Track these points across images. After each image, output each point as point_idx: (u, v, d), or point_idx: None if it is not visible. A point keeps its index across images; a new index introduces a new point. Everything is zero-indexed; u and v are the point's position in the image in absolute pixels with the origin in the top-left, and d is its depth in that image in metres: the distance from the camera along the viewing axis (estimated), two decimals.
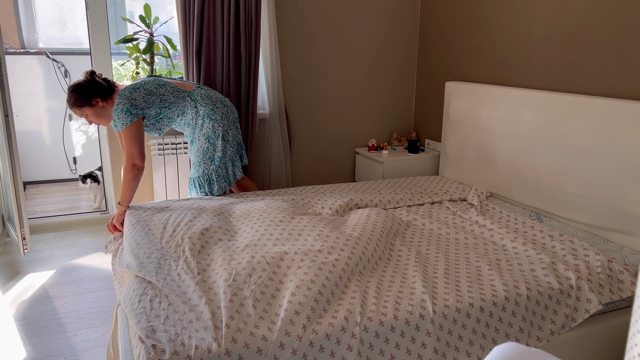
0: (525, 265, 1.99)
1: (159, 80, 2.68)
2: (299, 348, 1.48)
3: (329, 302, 1.66)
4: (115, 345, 2.02)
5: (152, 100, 2.60)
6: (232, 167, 2.78)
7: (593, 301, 1.85)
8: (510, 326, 1.75)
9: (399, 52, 3.82)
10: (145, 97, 2.59)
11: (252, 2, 3.11)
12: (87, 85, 2.54)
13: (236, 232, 2.18)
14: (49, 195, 4.60)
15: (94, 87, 2.55)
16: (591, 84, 2.46)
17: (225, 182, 2.77)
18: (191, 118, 2.71)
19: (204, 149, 2.72)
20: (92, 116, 2.59)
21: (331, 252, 1.91)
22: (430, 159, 3.61)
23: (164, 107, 2.63)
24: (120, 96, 2.54)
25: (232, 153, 2.77)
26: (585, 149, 2.35)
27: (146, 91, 2.59)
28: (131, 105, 2.53)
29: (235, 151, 2.79)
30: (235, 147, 2.79)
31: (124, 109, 2.51)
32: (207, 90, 2.77)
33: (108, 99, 2.60)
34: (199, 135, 2.72)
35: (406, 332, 1.61)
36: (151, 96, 2.60)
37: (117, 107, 2.52)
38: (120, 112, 2.52)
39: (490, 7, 3.06)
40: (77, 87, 2.53)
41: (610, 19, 2.34)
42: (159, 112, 2.63)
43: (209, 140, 2.71)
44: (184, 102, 2.67)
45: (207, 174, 2.75)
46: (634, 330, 0.54)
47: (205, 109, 2.68)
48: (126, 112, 2.52)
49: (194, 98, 2.69)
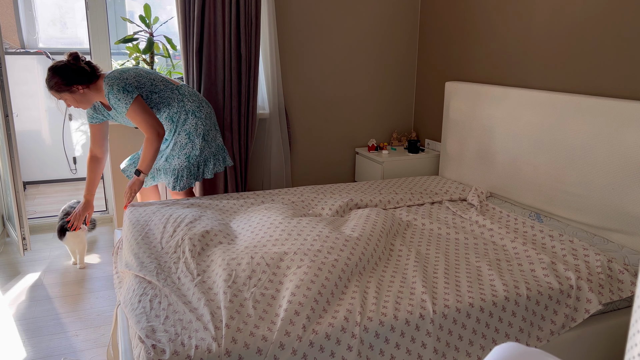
0: (525, 265, 1.99)
1: (146, 68, 2.67)
2: (299, 348, 1.48)
3: (329, 302, 1.66)
4: (115, 345, 2.02)
5: (142, 82, 2.56)
6: (204, 166, 2.76)
7: (593, 301, 1.85)
8: (510, 326, 1.75)
9: (399, 52, 3.82)
10: (137, 78, 2.55)
11: (252, 2, 3.11)
12: (70, 71, 2.43)
13: (236, 236, 2.18)
14: (49, 195, 4.60)
15: (77, 73, 2.44)
16: (591, 84, 2.46)
17: (193, 179, 2.74)
18: (176, 111, 2.67)
19: (182, 144, 2.69)
20: (71, 101, 2.50)
21: (331, 252, 1.91)
22: (430, 159, 3.61)
23: (154, 92, 2.60)
24: (109, 79, 2.48)
25: (208, 154, 2.75)
26: (585, 149, 2.35)
27: (135, 73, 2.57)
28: (125, 84, 2.48)
29: (212, 152, 2.76)
30: (213, 149, 2.77)
31: (120, 89, 2.46)
32: (193, 89, 2.78)
33: (91, 85, 2.51)
34: (180, 130, 2.69)
35: (406, 332, 1.61)
36: (141, 78, 2.57)
37: (112, 90, 2.46)
38: (118, 93, 2.46)
39: (490, 7, 3.06)
40: (59, 70, 2.42)
41: (610, 19, 2.34)
42: (148, 96, 2.59)
43: (189, 137, 2.69)
44: (172, 93, 2.66)
45: (177, 170, 2.71)
46: (634, 330, 0.54)
47: (192, 105, 2.68)
48: (123, 90, 2.46)
49: (181, 92, 2.69)
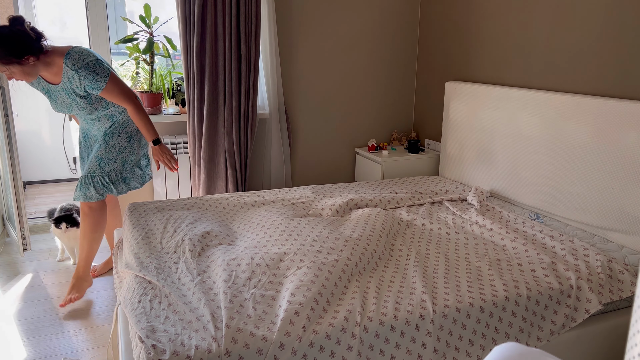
0: (525, 266, 1.99)
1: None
2: (299, 348, 1.48)
3: (329, 302, 1.66)
4: (115, 345, 2.02)
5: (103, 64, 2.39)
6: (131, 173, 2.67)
7: (593, 301, 1.85)
8: (510, 326, 1.75)
9: (399, 52, 3.82)
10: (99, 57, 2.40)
11: (252, 2, 3.11)
12: (18, 39, 2.15)
13: (237, 237, 2.18)
14: (49, 195, 4.60)
15: (26, 40, 2.17)
16: (591, 84, 2.46)
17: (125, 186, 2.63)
18: (120, 112, 2.56)
19: (121, 147, 2.55)
20: (19, 74, 2.24)
21: (330, 253, 1.91)
22: (430, 159, 3.61)
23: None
24: (76, 53, 2.31)
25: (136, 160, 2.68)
26: (585, 149, 2.35)
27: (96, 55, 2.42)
28: (98, 58, 2.36)
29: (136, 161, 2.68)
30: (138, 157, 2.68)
31: (94, 60, 2.32)
32: None
33: (41, 56, 2.26)
34: (121, 131, 2.56)
35: (406, 332, 1.61)
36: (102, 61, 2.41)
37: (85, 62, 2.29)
38: (93, 65, 2.31)
39: (490, 7, 3.06)
40: (5, 39, 2.13)
41: (610, 19, 2.34)
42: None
43: (129, 140, 2.57)
44: None
45: (110, 174, 2.55)
46: (634, 330, 0.54)
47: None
48: (97, 62, 2.33)
49: None
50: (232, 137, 3.24)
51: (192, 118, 3.21)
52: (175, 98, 3.48)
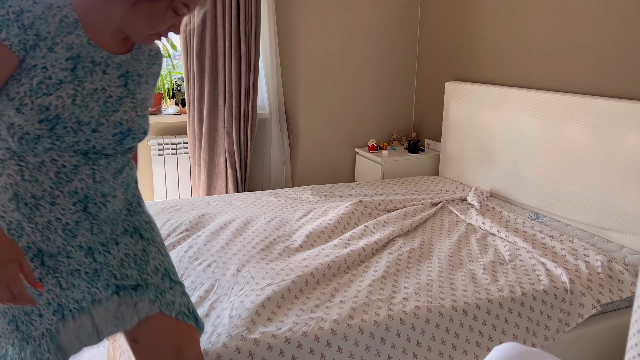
0: (525, 266, 1.98)
1: None
2: (287, 351, 1.48)
3: (318, 305, 1.65)
4: (115, 345, 2.01)
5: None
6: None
7: (593, 301, 1.85)
8: (508, 323, 1.75)
9: (399, 52, 3.82)
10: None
11: (252, 2, 3.11)
12: None
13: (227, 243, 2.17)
14: None
15: None
16: (590, 85, 2.46)
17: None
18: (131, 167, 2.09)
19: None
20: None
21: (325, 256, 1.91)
22: (430, 159, 3.61)
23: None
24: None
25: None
26: (585, 149, 2.35)
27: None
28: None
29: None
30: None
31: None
32: None
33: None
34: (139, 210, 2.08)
35: (402, 332, 1.61)
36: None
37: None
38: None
39: (490, 8, 3.06)
40: None
41: (610, 19, 2.34)
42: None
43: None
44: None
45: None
46: (634, 330, 0.54)
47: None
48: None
49: None
50: (232, 137, 3.24)
51: (192, 118, 3.20)
52: (175, 98, 3.48)
